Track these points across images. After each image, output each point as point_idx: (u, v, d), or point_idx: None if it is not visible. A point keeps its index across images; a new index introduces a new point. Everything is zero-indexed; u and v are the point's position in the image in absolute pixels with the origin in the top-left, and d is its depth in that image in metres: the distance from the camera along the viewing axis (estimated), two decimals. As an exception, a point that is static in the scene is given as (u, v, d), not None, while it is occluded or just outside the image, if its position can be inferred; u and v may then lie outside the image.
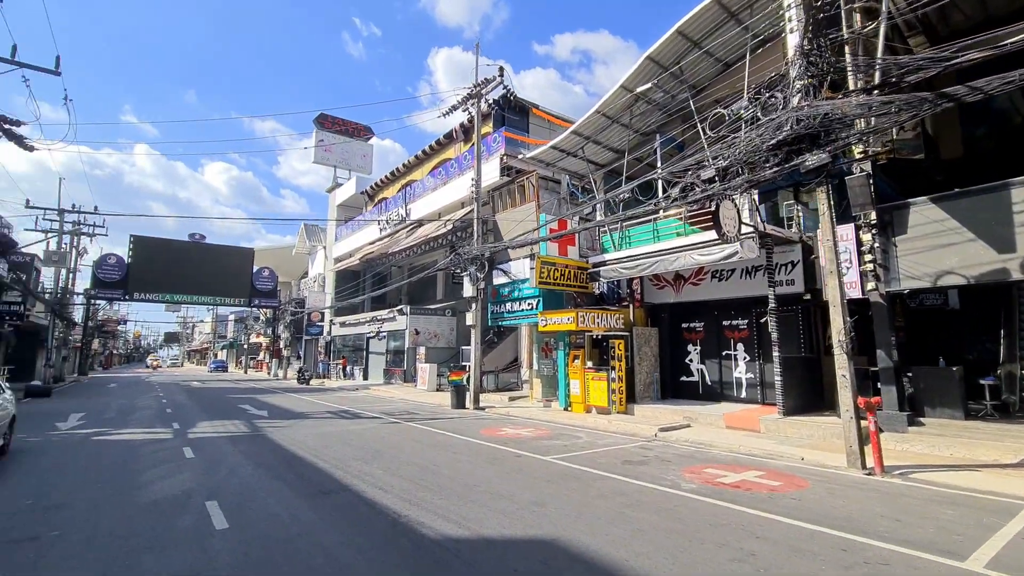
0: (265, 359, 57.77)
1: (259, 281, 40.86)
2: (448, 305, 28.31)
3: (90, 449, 8.71)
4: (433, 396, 20.14)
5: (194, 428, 11.19)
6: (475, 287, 15.92)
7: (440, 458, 7.83)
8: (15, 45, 14.37)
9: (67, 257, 30.70)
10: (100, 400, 19.20)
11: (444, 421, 12.60)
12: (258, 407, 15.81)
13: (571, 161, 17.01)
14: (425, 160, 29.47)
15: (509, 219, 20.01)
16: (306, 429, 10.99)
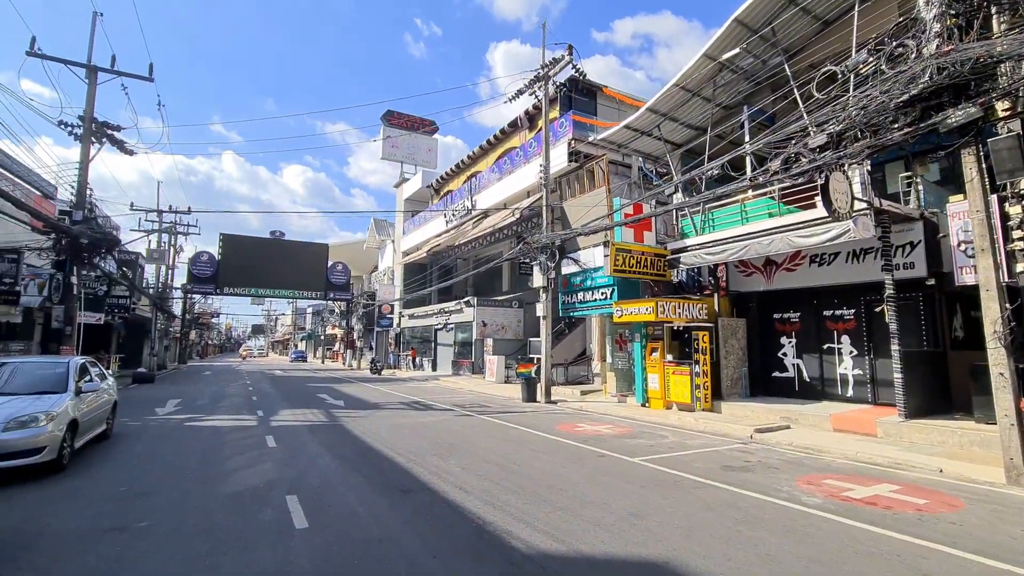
0: (340, 350, 60.66)
1: (333, 275, 42.71)
2: (515, 296, 28.00)
3: (182, 435, 9.07)
4: (502, 388, 19.89)
5: (276, 416, 11.50)
6: (545, 276, 15.37)
7: (519, 456, 7.38)
8: (114, 55, 15.41)
9: (166, 254, 33.37)
10: (195, 387, 20.61)
11: (516, 415, 12.21)
12: (335, 396, 16.21)
13: (645, 141, 15.98)
14: (489, 150, 29.20)
15: (578, 206, 19.25)
16: (380, 420, 10.96)
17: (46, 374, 6.85)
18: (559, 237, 14.67)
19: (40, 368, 6.96)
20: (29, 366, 6.97)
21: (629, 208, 13.99)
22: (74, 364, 7.18)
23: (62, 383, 6.73)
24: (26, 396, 6.32)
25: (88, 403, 7.21)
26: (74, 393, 6.73)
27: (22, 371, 6.84)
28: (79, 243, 13.58)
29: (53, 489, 5.48)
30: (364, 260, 51.17)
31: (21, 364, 7.03)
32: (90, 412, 7.27)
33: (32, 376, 6.77)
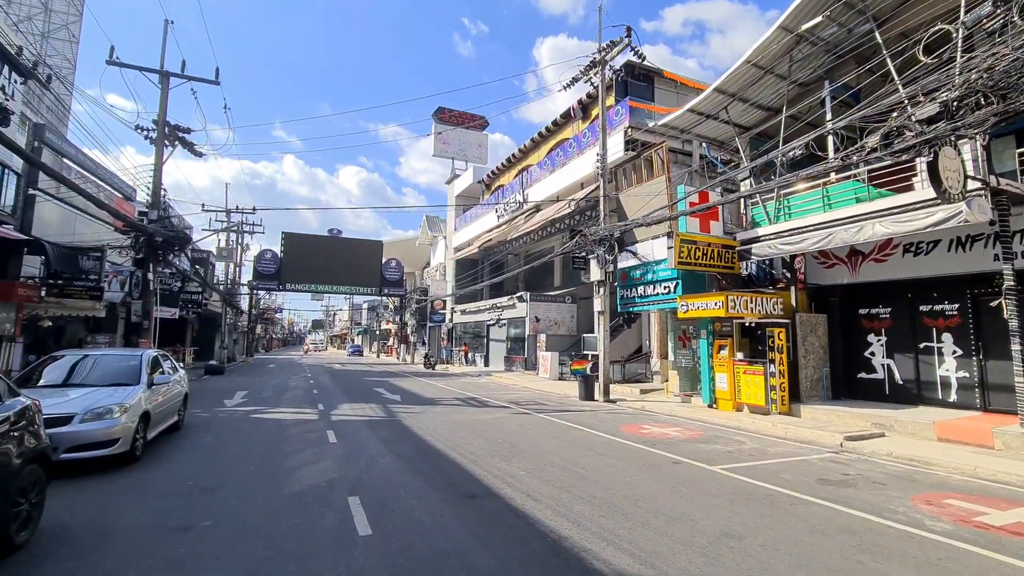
0: (393, 344, 62.17)
1: (387, 271, 43.59)
2: (568, 291, 27.42)
3: (247, 427, 9.21)
4: (556, 385, 19.43)
5: (336, 410, 11.59)
6: (603, 270, 14.74)
7: (586, 460, 6.92)
8: (184, 61, 16.07)
9: (234, 252, 35.08)
10: (261, 379, 21.44)
11: (575, 414, 11.73)
12: (391, 391, 16.31)
13: (710, 125, 15.00)
14: (541, 143, 28.68)
15: (635, 197, 18.45)
16: (438, 417, 10.79)
17: (121, 367, 7.03)
18: (618, 229, 14.00)
19: (115, 361, 7.17)
20: (106, 359, 7.20)
21: (694, 197, 13.13)
22: (147, 357, 7.36)
23: (135, 376, 6.89)
24: (102, 388, 6.48)
25: (160, 395, 7.37)
26: (146, 386, 6.87)
27: (99, 363, 7.07)
28: (154, 241, 14.27)
29: (125, 481, 5.54)
30: (416, 257, 52.01)
31: (99, 356, 7.27)
32: (162, 404, 7.44)
33: (108, 368, 6.97)
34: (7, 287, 12.78)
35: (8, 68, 12.64)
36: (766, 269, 14.11)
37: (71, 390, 6.37)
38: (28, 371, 6.91)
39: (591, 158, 21.45)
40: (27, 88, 20.03)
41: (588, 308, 26.80)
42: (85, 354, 7.31)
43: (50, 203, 15.55)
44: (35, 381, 6.62)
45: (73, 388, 6.47)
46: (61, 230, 15.76)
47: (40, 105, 23.74)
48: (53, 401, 5.93)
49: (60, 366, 6.98)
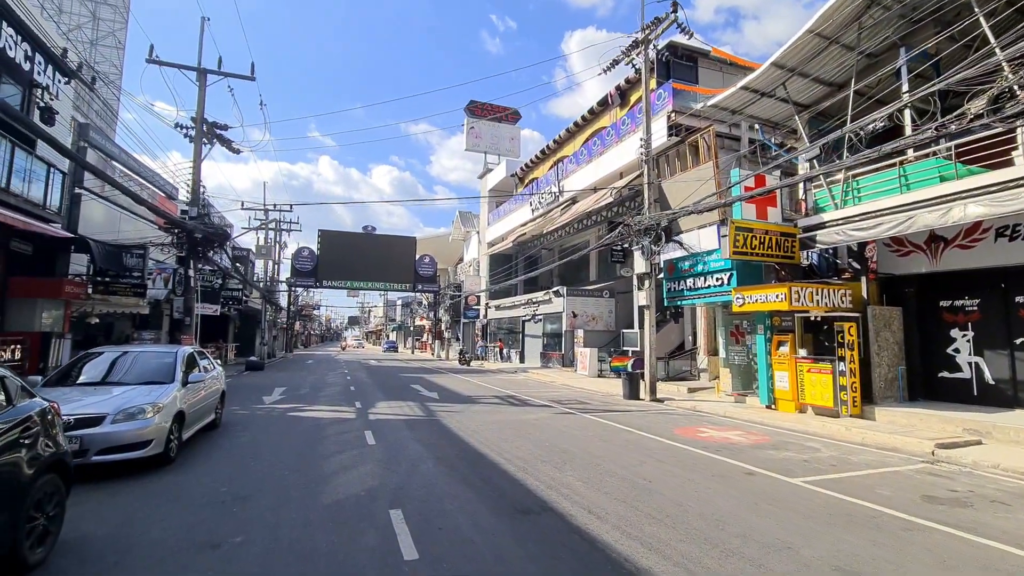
0: (428, 340, 62.41)
1: (421, 267, 43.62)
2: (605, 286, 26.57)
3: (284, 426, 8.93)
4: (596, 383, 18.70)
5: (373, 408, 11.25)
6: (648, 262, 13.92)
7: (646, 468, 6.25)
8: (220, 57, 16.04)
9: (272, 250, 35.66)
10: (299, 375, 21.54)
11: (622, 414, 11.02)
12: (428, 388, 15.96)
13: (764, 105, 13.95)
14: (576, 133, 27.84)
15: (680, 184, 17.45)
16: (478, 416, 10.29)
17: (155, 364, 6.79)
18: (664, 217, 13.14)
19: (150, 358, 6.93)
20: (142, 356, 6.97)
21: (749, 181, 12.16)
22: (181, 354, 7.11)
23: (169, 374, 6.62)
24: (136, 386, 6.22)
25: (196, 394, 7.11)
26: (181, 384, 6.59)
27: (134, 361, 6.84)
28: (193, 237, 14.29)
29: (156, 486, 5.23)
30: (449, 253, 51.93)
31: (135, 353, 7.05)
32: (198, 403, 7.18)
33: (143, 366, 6.74)
34: (55, 284, 12.99)
35: (53, 69, 12.82)
36: (829, 258, 13.00)
37: (105, 388, 6.14)
38: (65, 368, 6.73)
39: (631, 146, 20.54)
40: (77, 94, 20.61)
41: (626, 303, 25.90)
42: (124, 351, 7.10)
43: (95, 202, 15.83)
44: (73, 378, 6.43)
45: (107, 386, 6.23)
46: (106, 229, 16.04)
47: (89, 110, 24.46)
48: (85, 400, 5.69)
49: (97, 363, 6.79)
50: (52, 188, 12.58)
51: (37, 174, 12.11)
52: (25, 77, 12.41)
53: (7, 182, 10.94)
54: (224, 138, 16.83)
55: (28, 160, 11.73)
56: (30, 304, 12.88)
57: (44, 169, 12.41)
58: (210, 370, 8.27)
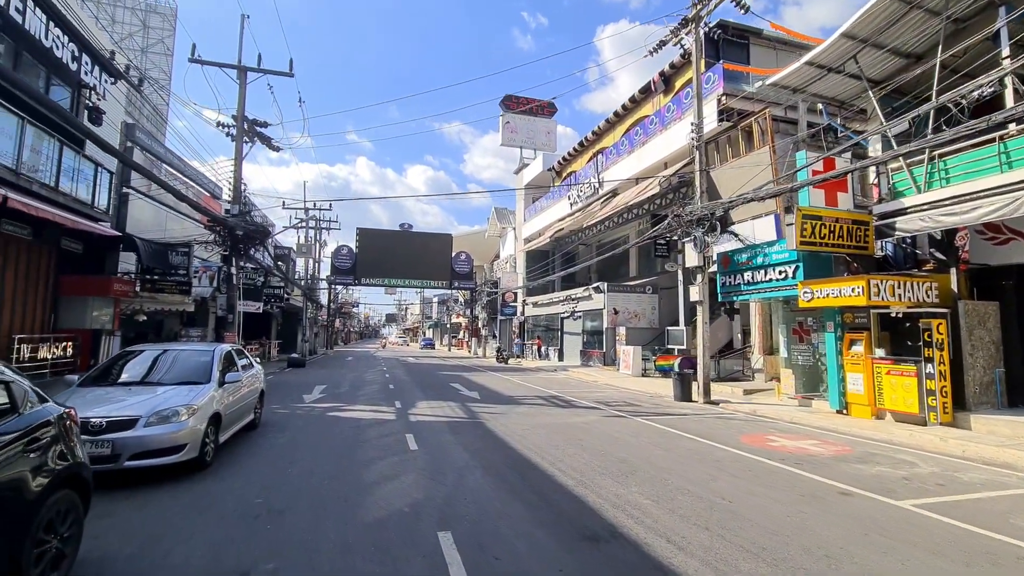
0: (464, 338, 62.45)
1: (457, 264, 43.48)
2: (647, 281, 25.54)
3: (323, 428, 8.61)
4: (641, 383, 17.84)
5: (414, 409, 10.86)
6: (700, 254, 13.00)
7: (720, 485, 5.52)
8: (259, 54, 16.02)
9: (312, 248, 36.17)
10: (339, 372, 21.56)
11: (677, 418, 10.23)
12: (468, 387, 15.52)
13: (830, 82, 12.77)
14: (616, 123, 26.86)
15: (732, 171, 16.37)
16: (524, 419, 9.72)
17: (192, 364, 6.51)
18: (720, 207, 12.18)
19: (188, 357, 6.66)
20: (180, 354, 6.72)
21: (817, 164, 11.07)
22: (219, 353, 6.82)
23: (206, 373, 6.32)
24: (171, 387, 5.95)
25: (234, 394, 6.81)
26: (217, 384, 6.29)
27: (171, 360, 6.59)
28: (235, 234, 14.30)
29: (189, 495, 4.89)
30: (485, 250, 51.65)
31: (174, 352, 6.80)
32: (236, 404, 6.88)
33: (180, 366, 6.47)
34: (104, 282, 13.21)
35: (99, 69, 13.00)
36: (906, 249, 11.77)
37: (139, 389, 5.88)
38: (101, 367, 6.54)
39: (677, 134, 19.52)
40: (129, 100, 21.19)
41: (670, 299, 24.80)
42: (161, 349, 6.87)
43: (143, 202, 16.12)
44: (109, 377, 6.21)
45: (142, 386, 5.98)
46: (153, 228, 16.32)
47: (140, 115, 25.18)
48: (119, 401, 5.42)
49: (133, 362, 6.58)
50: (100, 187, 12.77)
51: (85, 174, 12.29)
52: (73, 78, 12.62)
53: (56, 181, 11.09)
54: (264, 136, 16.86)
55: (76, 159, 11.90)
56: (81, 302, 13.13)
57: (92, 169, 12.60)
58: (249, 369, 8.01)
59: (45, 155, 10.79)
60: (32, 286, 11.93)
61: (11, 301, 11.21)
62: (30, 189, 10.19)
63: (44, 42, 10.83)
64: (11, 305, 11.22)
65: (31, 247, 11.78)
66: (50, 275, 12.61)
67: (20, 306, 11.52)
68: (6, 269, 11.00)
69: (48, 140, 10.86)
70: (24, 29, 10.30)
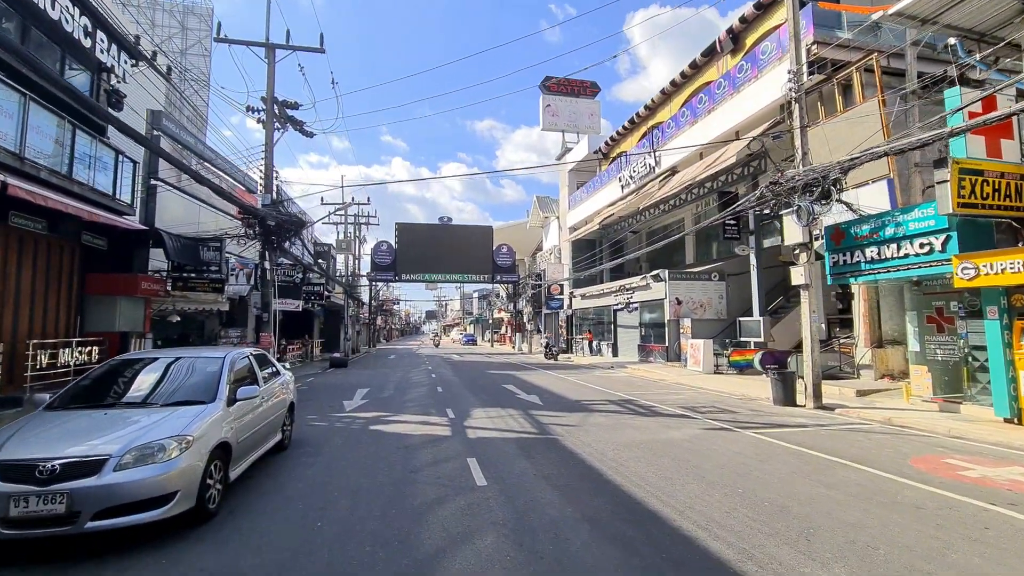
0: (506, 333, 60.93)
1: (499, 257, 41.87)
2: (713, 268, 23.09)
3: (365, 448, 7.03)
4: (717, 381, 15.65)
5: (470, 419, 9.20)
6: (806, 228, 10.74)
7: (964, 559, 3.53)
8: (288, 30, 14.70)
9: (352, 244, 35.35)
10: (382, 372, 20.30)
11: (798, 432, 8.14)
12: (524, 389, 13.79)
13: (970, 6, 10.19)
14: (673, 94, 24.42)
15: (827, 132, 13.91)
16: (607, 433, 7.88)
17: (192, 377, 5.01)
18: (836, 168, 9.83)
19: (187, 368, 5.16)
20: (180, 365, 5.21)
21: (975, 106, 8.65)
22: (230, 361, 5.28)
23: (210, 389, 4.80)
24: (162, 409, 4.45)
25: (250, 413, 5.28)
26: (226, 403, 4.75)
27: (166, 372, 5.10)
28: (267, 224, 13.04)
29: (178, 569, 3.32)
30: (527, 242, 49.84)
31: (172, 362, 5.30)
32: (253, 425, 5.35)
33: (176, 380, 4.98)
34: (130, 280, 12.19)
35: (118, 48, 11.93)
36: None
37: (119, 414, 4.39)
38: (78, 384, 4.99)
39: (752, 96, 17.08)
40: (168, 100, 20.49)
41: (740, 286, 22.31)
42: (156, 357, 5.38)
43: (173, 195, 15.16)
44: (86, 397, 4.77)
45: (124, 409, 4.50)
46: (185, 223, 15.34)
47: (181, 115, 24.64)
48: (88, 435, 3.94)
49: (120, 376, 5.14)
50: (121, 177, 11.70)
51: (104, 162, 11.21)
52: (92, 61, 11.58)
53: (69, 169, 9.98)
54: (295, 119, 15.58)
55: (93, 146, 10.80)
56: (109, 302, 12.16)
57: (112, 157, 11.53)
58: (274, 378, 6.50)
59: (56, 139, 9.69)
60: (53, 286, 10.96)
61: (29, 302, 10.22)
62: (37, 176, 9.08)
63: (50, 13, 9.70)
64: (29, 306, 10.23)
65: (51, 243, 10.80)
66: (74, 274, 11.65)
67: (40, 308, 10.55)
68: (22, 267, 10.01)
69: (59, 123, 9.75)
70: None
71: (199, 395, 4.70)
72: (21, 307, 10.03)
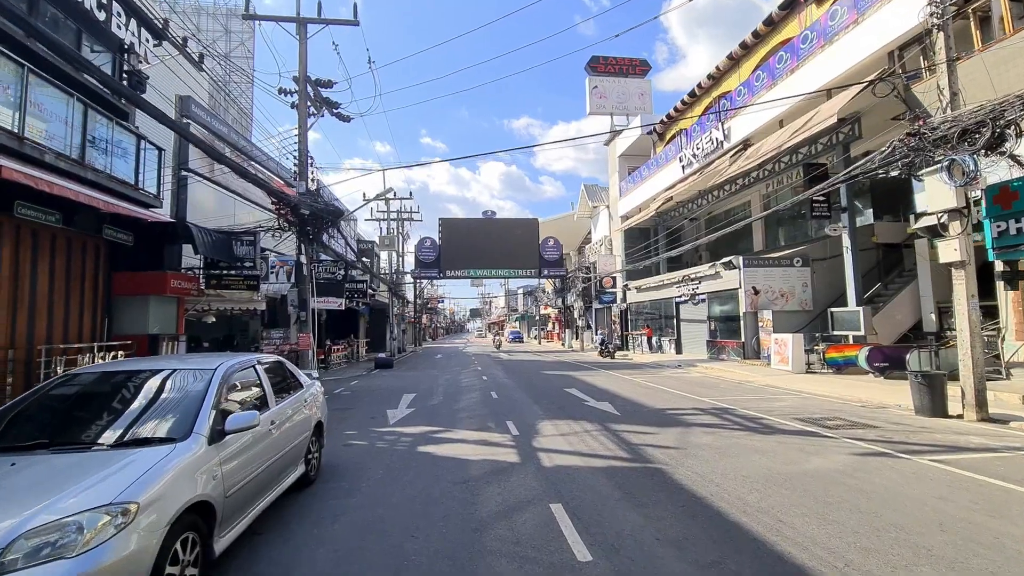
0: (553, 330, 59.01)
1: (546, 251, 40.04)
2: (795, 252, 20.37)
3: (414, 482, 5.42)
4: (815, 383, 13.25)
5: (538, 437, 7.47)
6: (962, 189, 8.33)
7: None
8: (319, 3, 13.44)
9: (395, 240, 34.41)
10: (430, 374, 18.94)
11: (992, 460, 5.93)
12: (592, 395, 11.94)
13: None
14: (743, 58, 21.79)
15: (967, 78, 11.25)
16: (720, 458, 5.96)
17: (164, 400, 3.48)
18: (1019, 105, 7.42)
19: (159, 387, 3.64)
20: (150, 381, 3.69)
21: None
22: (221, 375, 3.73)
23: (184, 420, 3.25)
24: (107, 453, 2.94)
25: (252, 448, 3.73)
26: (207, 439, 3.19)
27: (127, 391, 3.60)
28: (300, 213, 11.78)
29: None
30: (572, 236, 47.71)
31: (139, 376, 3.78)
32: (258, 462, 3.80)
33: (138, 405, 3.47)
34: (159, 279, 11.19)
35: (137, 24, 10.93)
36: None
37: (30, 464, 2.86)
38: (6, 410, 3.55)
39: (849, 47, 14.48)
40: (212, 98, 19.87)
41: (829, 272, 19.53)
42: (119, 371, 3.85)
43: (206, 189, 14.24)
44: (17, 430, 3.32)
45: (42, 456, 2.98)
46: (219, 217, 14.40)
47: (226, 114, 24.08)
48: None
49: (69, 397, 3.66)
50: (144, 165, 10.68)
51: (124, 148, 10.20)
52: (114, 40, 10.63)
53: (81, 153, 8.94)
54: (331, 102, 14.33)
55: (111, 129, 9.77)
56: (138, 303, 11.21)
57: (135, 143, 10.53)
58: (292, 393, 4.97)
59: (65, 120, 8.64)
60: (76, 286, 10.03)
61: (47, 304, 9.27)
62: (40, 160, 8.02)
63: (55, -22, 8.66)
64: (47, 309, 9.28)
65: (72, 239, 9.86)
66: (100, 273, 10.73)
67: (60, 310, 9.61)
68: (37, 266, 9.05)
69: (68, 101, 8.70)
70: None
71: (168, 429, 3.17)
72: (38, 310, 9.08)
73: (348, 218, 24.95)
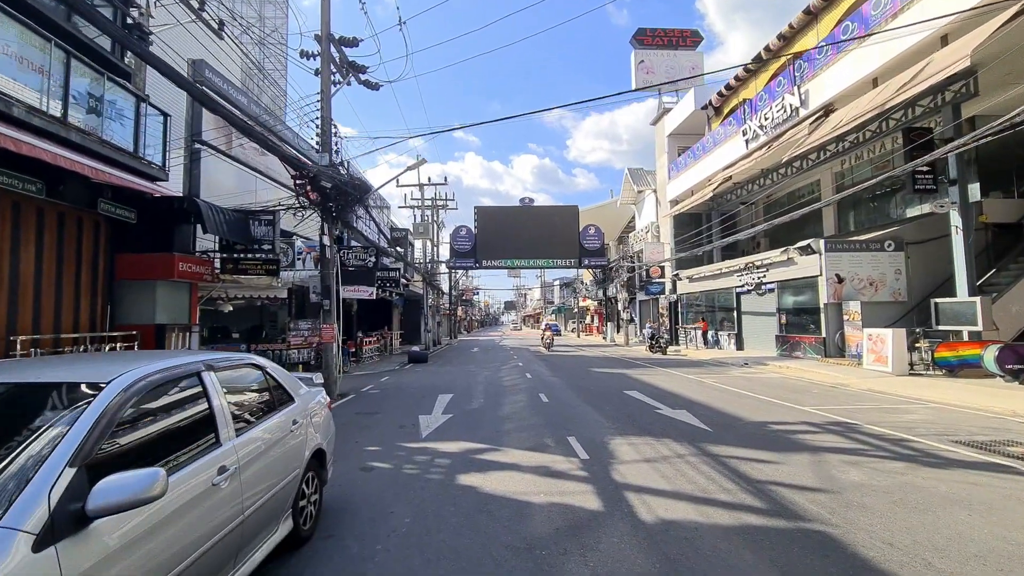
0: (592, 323, 56.74)
1: (586, 239, 37.87)
2: (886, 235, 17.63)
3: (453, 542, 3.69)
4: (928, 387, 10.85)
5: (615, 462, 5.62)
6: None
7: None
8: (344, -52, 11.72)
9: (430, 228, 33.03)
10: (467, 369, 17.34)
11: None
12: (661, 399, 9.97)
13: None
14: (822, 12, 18.99)
15: None
16: (904, 513, 3.98)
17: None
18: None
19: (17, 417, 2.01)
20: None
21: None
22: (105, 403, 2.04)
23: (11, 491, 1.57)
24: None
25: (158, 532, 2.04)
26: (35, 539, 1.50)
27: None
28: (320, 185, 10.25)
29: None
30: (613, 225, 45.24)
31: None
32: (177, 550, 2.11)
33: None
34: (166, 261, 9.91)
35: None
36: None
37: None
38: None
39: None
40: (244, 85, 18.75)
41: (926, 257, 16.80)
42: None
43: (223, 165, 12.96)
44: None
45: None
46: (238, 195, 13.11)
47: (260, 94, 23.01)
48: None
49: None
50: (144, 132, 9.35)
51: (120, 109, 8.86)
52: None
53: (63, 112, 7.60)
54: (357, 65, 12.76)
55: (100, 85, 8.43)
56: (144, 289, 9.97)
57: (134, 104, 9.21)
58: (271, 414, 3.30)
59: (40, 69, 7.30)
60: (69, 268, 8.79)
61: (32, 287, 8.05)
62: (8, 113, 6.68)
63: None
64: (32, 293, 8.06)
65: (65, 214, 8.63)
66: (99, 254, 9.51)
67: (50, 295, 8.38)
68: (18, 243, 7.78)
69: (43, 45, 7.34)
70: None
71: None
72: (22, 294, 7.85)
73: (375, 196, 23.53)
